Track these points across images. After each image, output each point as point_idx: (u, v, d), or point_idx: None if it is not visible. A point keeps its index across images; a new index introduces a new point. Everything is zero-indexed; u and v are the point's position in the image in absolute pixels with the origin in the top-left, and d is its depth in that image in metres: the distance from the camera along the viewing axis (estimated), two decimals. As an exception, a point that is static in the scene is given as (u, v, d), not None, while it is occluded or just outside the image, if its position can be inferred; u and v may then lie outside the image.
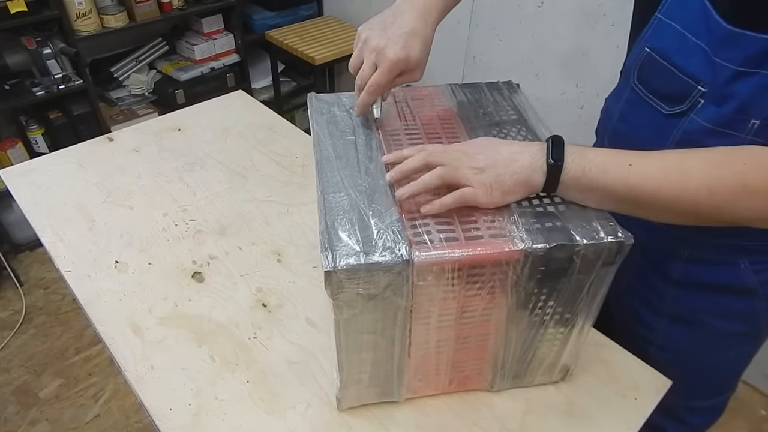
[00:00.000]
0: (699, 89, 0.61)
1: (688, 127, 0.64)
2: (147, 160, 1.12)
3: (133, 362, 0.74)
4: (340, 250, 0.54)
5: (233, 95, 1.37)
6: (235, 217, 0.99)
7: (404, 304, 0.57)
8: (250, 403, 0.70)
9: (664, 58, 0.64)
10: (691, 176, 0.53)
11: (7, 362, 1.81)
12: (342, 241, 0.55)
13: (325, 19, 2.62)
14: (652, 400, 0.71)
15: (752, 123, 0.58)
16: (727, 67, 0.58)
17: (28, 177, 1.07)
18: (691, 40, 0.61)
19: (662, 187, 0.54)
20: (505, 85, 0.82)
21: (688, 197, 0.53)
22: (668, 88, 0.65)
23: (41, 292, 2.07)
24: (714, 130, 0.61)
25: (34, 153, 2.07)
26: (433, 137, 0.70)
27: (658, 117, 0.67)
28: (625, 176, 0.55)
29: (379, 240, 0.55)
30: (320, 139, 0.70)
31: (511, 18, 1.90)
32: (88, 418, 1.65)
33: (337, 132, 0.72)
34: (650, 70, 0.67)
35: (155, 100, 2.38)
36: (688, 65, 0.62)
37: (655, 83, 0.67)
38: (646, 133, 0.70)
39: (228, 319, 0.80)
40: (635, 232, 0.57)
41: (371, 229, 0.56)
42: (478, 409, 0.70)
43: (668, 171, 0.54)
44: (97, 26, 2.02)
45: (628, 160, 0.55)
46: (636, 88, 0.70)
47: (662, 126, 0.66)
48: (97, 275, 0.87)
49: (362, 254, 0.53)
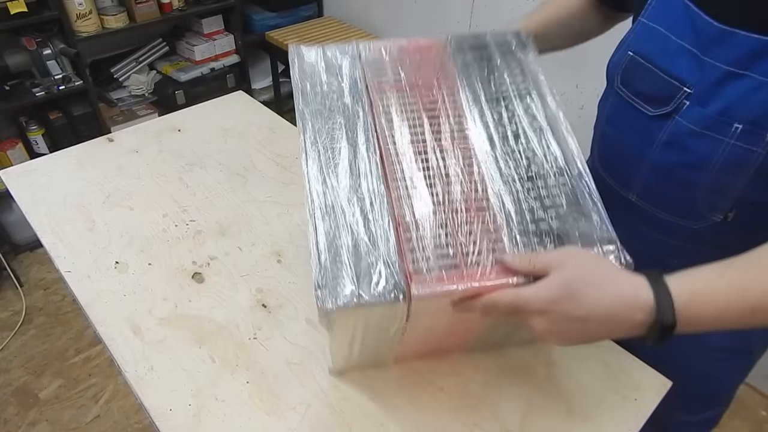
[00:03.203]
0: (684, 90, 0.61)
1: (672, 129, 0.64)
2: (147, 161, 1.12)
3: (133, 363, 0.74)
4: (333, 287, 0.51)
5: (233, 96, 1.37)
6: (235, 218, 0.99)
7: (398, 326, 0.56)
8: (250, 404, 0.70)
9: (648, 61, 0.65)
10: None
11: (6, 363, 1.81)
12: (336, 277, 0.51)
13: (325, 20, 2.62)
14: (652, 401, 0.71)
15: (735, 127, 0.58)
16: (717, 66, 0.58)
17: (28, 178, 1.07)
18: (676, 42, 0.61)
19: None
20: (515, 39, 0.72)
21: None
22: (652, 90, 0.65)
23: (41, 293, 2.07)
24: (698, 132, 0.61)
25: (34, 154, 2.07)
26: (433, 118, 0.64)
27: (642, 119, 0.67)
28: (746, 316, 0.49)
29: (374, 273, 0.51)
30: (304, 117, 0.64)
31: (511, 18, 1.90)
32: (88, 418, 1.65)
33: (325, 111, 0.64)
34: (634, 73, 0.68)
35: (155, 100, 2.38)
36: (673, 67, 0.62)
37: (639, 86, 0.67)
38: (631, 135, 0.70)
39: (228, 320, 0.80)
40: (631, 247, 0.55)
41: (365, 260, 0.53)
42: (479, 409, 0.70)
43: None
44: (97, 27, 2.02)
45: (749, 302, 0.48)
46: (620, 91, 0.70)
47: (647, 128, 0.67)
48: (97, 276, 0.87)
49: (357, 291, 0.50)
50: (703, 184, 0.64)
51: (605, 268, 0.51)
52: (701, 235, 0.68)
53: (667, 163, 0.66)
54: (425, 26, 2.24)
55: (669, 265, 0.68)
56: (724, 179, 0.62)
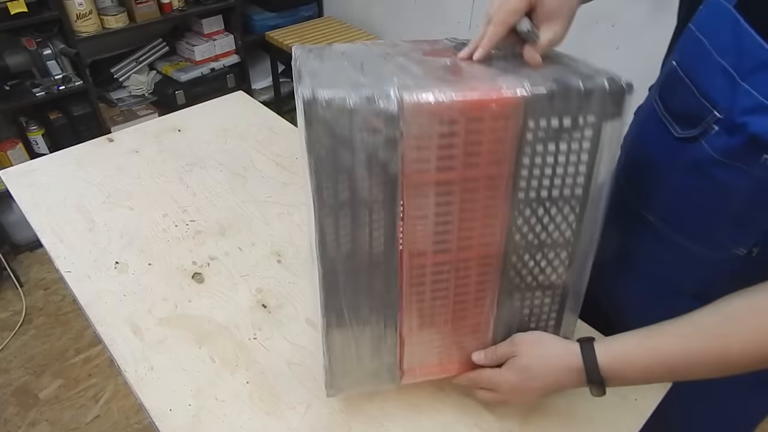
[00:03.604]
0: (714, 114, 0.56)
1: (697, 154, 0.59)
2: (147, 161, 1.12)
3: (133, 363, 0.74)
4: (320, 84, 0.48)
5: (233, 96, 1.37)
6: (235, 218, 0.99)
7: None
8: (250, 404, 0.70)
9: (687, 74, 0.59)
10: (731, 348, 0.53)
11: (6, 363, 1.81)
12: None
13: (325, 20, 2.62)
14: (652, 401, 0.71)
15: (765, 158, 0.53)
16: (752, 95, 0.52)
17: (29, 178, 1.07)
18: (716, 58, 0.55)
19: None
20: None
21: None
22: (684, 108, 0.60)
23: (41, 293, 2.07)
24: (722, 162, 0.57)
25: (34, 154, 2.07)
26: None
27: (669, 139, 0.63)
28: (666, 372, 0.57)
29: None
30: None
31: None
32: (88, 419, 1.65)
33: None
34: (671, 86, 0.63)
35: (155, 100, 2.38)
36: (708, 86, 0.56)
37: (673, 101, 0.63)
38: (656, 154, 0.66)
39: (228, 320, 0.80)
40: (645, 266, 0.56)
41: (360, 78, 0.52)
42: (479, 410, 0.70)
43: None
44: (98, 27, 2.02)
45: (666, 366, 0.56)
46: (656, 103, 0.66)
47: (673, 149, 0.63)
48: (97, 276, 0.87)
49: (350, 92, 0.48)
50: (727, 215, 0.60)
51: (547, 346, 0.63)
52: (722, 266, 0.64)
53: (689, 188, 0.62)
54: (425, 26, 2.24)
55: (685, 292, 0.69)
56: (749, 212, 0.58)
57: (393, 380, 0.67)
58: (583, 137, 0.53)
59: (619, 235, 0.73)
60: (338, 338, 0.61)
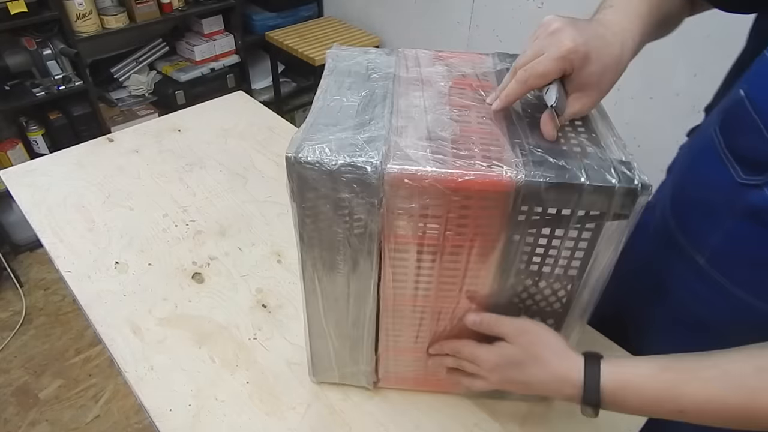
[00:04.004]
0: None
1: (760, 201, 0.53)
2: (147, 161, 1.12)
3: (133, 363, 0.74)
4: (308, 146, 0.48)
5: (233, 96, 1.37)
6: (235, 218, 0.99)
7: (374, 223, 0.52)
8: (249, 404, 0.70)
9: (756, 111, 0.51)
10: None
11: (7, 363, 1.81)
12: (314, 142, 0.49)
13: (325, 20, 2.62)
14: (652, 401, 0.71)
15: None
16: None
17: (29, 178, 1.07)
18: None
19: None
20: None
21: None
22: (749, 149, 0.53)
23: (41, 293, 2.07)
24: None
25: (34, 154, 2.07)
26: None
27: (728, 181, 0.55)
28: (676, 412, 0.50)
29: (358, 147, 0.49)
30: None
31: (511, 18, 1.90)
32: (88, 419, 1.65)
33: None
34: (736, 121, 0.55)
35: (155, 100, 2.38)
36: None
37: (737, 139, 0.55)
38: (714, 194, 0.59)
39: (228, 320, 0.80)
40: (679, 296, 0.52)
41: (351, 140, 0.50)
42: (479, 410, 0.70)
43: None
44: (98, 27, 2.02)
45: (677, 404, 0.50)
46: (716, 137, 0.58)
47: (731, 192, 0.56)
48: (97, 276, 0.87)
49: (333, 153, 0.48)
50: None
51: (548, 347, 0.57)
52: (764, 318, 0.59)
53: (745, 235, 0.57)
54: (425, 26, 2.24)
55: (713, 329, 0.64)
56: None
57: (369, 384, 0.71)
58: (583, 228, 0.50)
59: (659, 266, 0.70)
60: (320, 345, 0.66)
